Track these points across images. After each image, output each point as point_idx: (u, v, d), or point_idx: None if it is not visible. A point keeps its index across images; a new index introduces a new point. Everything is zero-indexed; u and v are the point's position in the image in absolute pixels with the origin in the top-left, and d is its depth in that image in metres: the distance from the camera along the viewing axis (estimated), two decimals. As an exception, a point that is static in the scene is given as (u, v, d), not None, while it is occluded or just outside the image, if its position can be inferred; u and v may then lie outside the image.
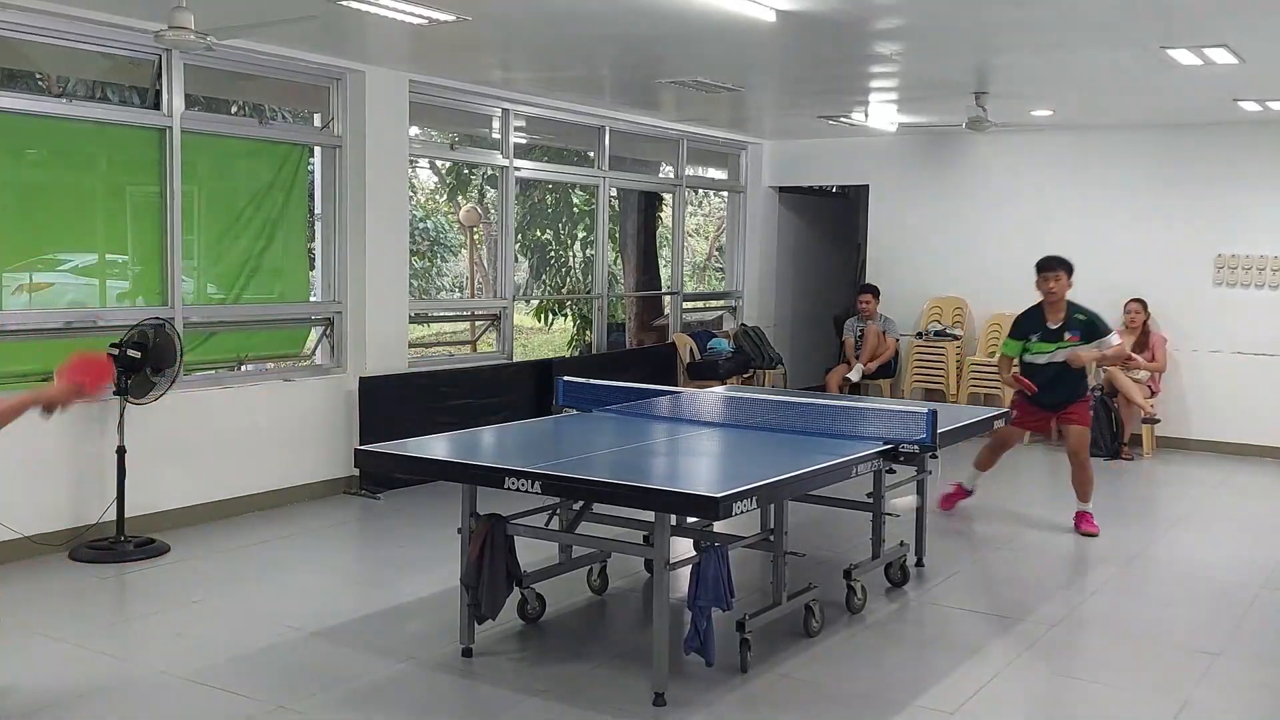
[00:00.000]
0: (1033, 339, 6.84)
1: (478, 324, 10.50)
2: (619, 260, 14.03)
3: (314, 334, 7.83)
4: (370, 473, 7.36)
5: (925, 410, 5.12)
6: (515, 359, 9.35)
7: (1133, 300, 9.86)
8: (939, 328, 10.98)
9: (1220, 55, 6.65)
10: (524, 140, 9.86)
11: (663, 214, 13.93)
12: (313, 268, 7.85)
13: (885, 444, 4.99)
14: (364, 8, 5.82)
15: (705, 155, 12.15)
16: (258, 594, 5.60)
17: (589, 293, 11.74)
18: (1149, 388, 9.74)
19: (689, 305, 12.11)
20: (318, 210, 7.79)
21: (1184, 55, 6.69)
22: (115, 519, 6.14)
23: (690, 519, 5.34)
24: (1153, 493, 8.75)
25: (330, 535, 6.85)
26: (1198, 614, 5.52)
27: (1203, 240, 9.95)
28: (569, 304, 15.37)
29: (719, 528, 5.47)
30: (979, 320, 11.02)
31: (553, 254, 16.52)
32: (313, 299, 7.78)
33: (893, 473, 5.53)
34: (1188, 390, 10.01)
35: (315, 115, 7.94)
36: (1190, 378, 10.00)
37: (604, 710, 4.17)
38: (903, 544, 5.86)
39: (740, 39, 6.54)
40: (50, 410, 3.81)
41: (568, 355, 12.67)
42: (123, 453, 6.10)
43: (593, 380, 6.05)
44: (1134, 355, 9.63)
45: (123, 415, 6.11)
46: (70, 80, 7.01)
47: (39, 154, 6.55)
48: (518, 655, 4.81)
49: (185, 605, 5.37)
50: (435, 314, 11.54)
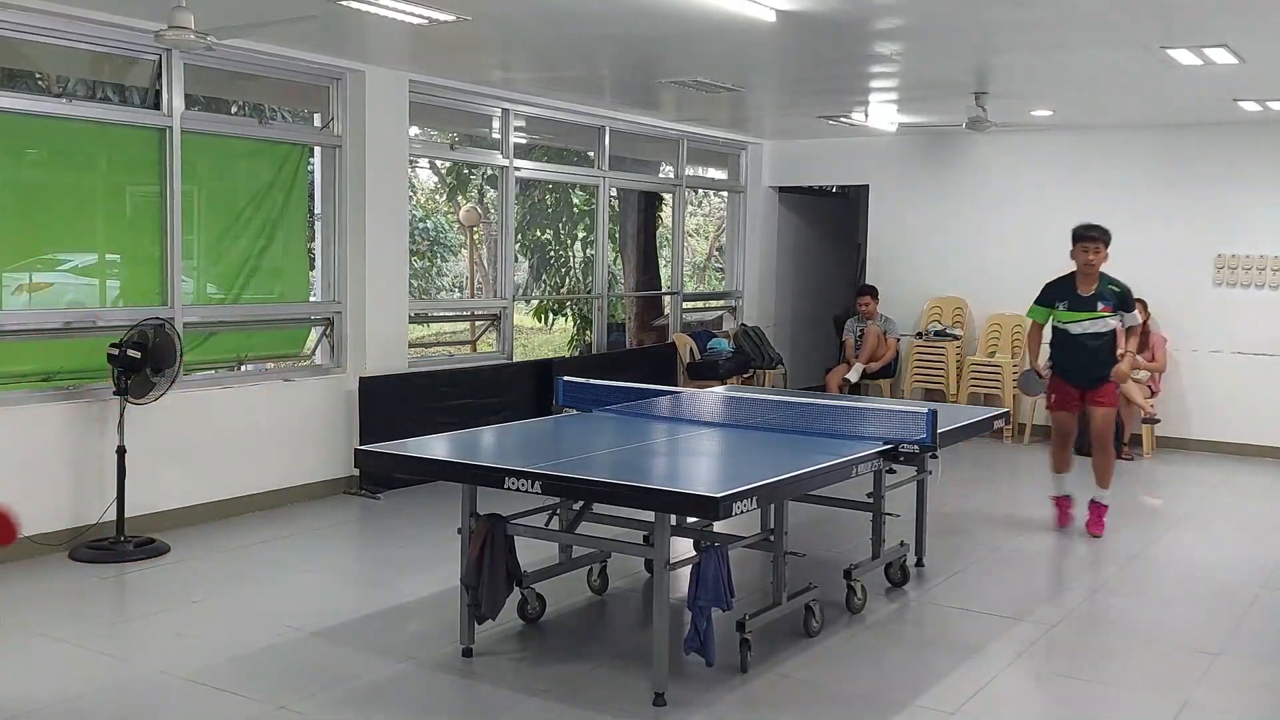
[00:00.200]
0: (1059, 307, 6.70)
1: (478, 324, 10.50)
2: (619, 260, 14.03)
3: (314, 334, 7.83)
4: (370, 473, 7.36)
5: (925, 410, 5.12)
6: (515, 359, 9.35)
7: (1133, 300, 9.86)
8: (939, 328, 10.98)
9: (1220, 55, 6.65)
10: (524, 140, 9.86)
11: (663, 214, 13.93)
12: (313, 268, 7.85)
13: (885, 444, 4.99)
14: (364, 8, 5.82)
15: (705, 155, 12.15)
16: (258, 594, 5.60)
17: (589, 293, 11.75)
18: (1149, 388, 9.75)
19: (689, 305, 12.10)
20: (318, 210, 7.79)
21: (1184, 55, 6.69)
22: (115, 519, 6.14)
23: (690, 519, 5.34)
24: (1153, 493, 8.75)
25: (330, 535, 6.85)
26: (1198, 614, 5.52)
27: (1203, 240, 9.95)
28: (569, 304, 15.37)
29: (719, 528, 5.47)
30: (979, 320, 11.02)
31: (553, 254, 16.52)
32: (313, 299, 7.78)
33: (893, 473, 5.53)
34: (1188, 390, 10.01)
35: (315, 115, 7.94)
36: (1190, 378, 10.00)
37: (604, 710, 4.17)
38: (903, 544, 5.87)
39: (740, 39, 6.54)
40: None
41: (568, 355, 12.67)
42: (123, 453, 6.10)
43: (593, 380, 6.05)
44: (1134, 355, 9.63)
45: (123, 415, 6.11)
46: (70, 80, 7.01)
47: (39, 154, 6.55)
48: (518, 655, 4.81)
49: (185, 605, 5.37)
50: (435, 314, 11.54)
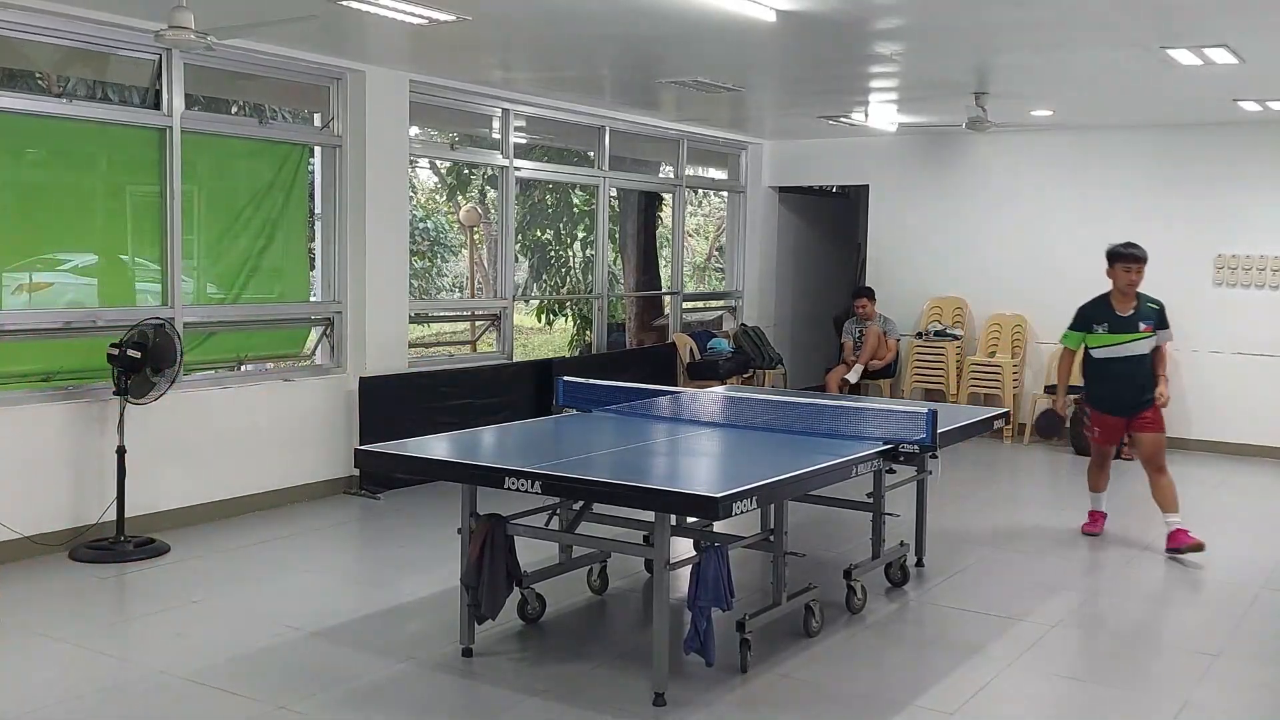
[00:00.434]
0: (1099, 329, 6.54)
1: (478, 324, 10.50)
2: (619, 260, 14.03)
3: (314, 334, 7.83)
4: (370, 473, 7.36)
5: (925, 410, 5.12)
6: (515, 359, 9.35)
7: (1133, 300, 9.87)
8: (939, 328, 10.98)
9: (1220, 55, 6.65)
10: (524, 140, 9.86)
11: (663, 214, 13.94)
12: (313, 268, 7.85)
13: (885, 444, 4.99)
14: (364, 8, 5.82)
15: (705, 155, 12.15)
16: (258, 594, 5.60)
17: (589, 293, 11.75)
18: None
19: (689, 305, 12.11)
20: (318, 210, 7.79)
21: (1184, 55, 6.69)
22: (115, 519, 6.14)
23: (690, 519, 5.34)
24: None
25: (330, 535, 6.85)
26: (1198, 614, 5.52)
27: (1203, 240, 9.95)
28: (569, 304, 15.37)
29: (719, 528, 5.47)
30: (979, 320, 11.02)
31: (553, 254, 16.52)
32: (313, 299, 7.78)
33: (893, 473, 5.53)
34: (1188, 390, 10.01)
35: (315, 115, 7.94)
36: (1190, 378, 10.00)
37: (604, 710, 4.17)
38: (903, 544, 5.87)
39: (740, 39, 6.54)
40: None
41: (568, 355, 12.67)
42: (123, 453, 6.10)
43: (593, 380, 6.05)
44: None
45: (123, 415, 6.11)
46: (70, 80, 7.01)
47: (39, 154, 6.55)
48: (518, 655, 4.81)
49: (185, 605, 5.36)
50: (435, 314, 11.54)
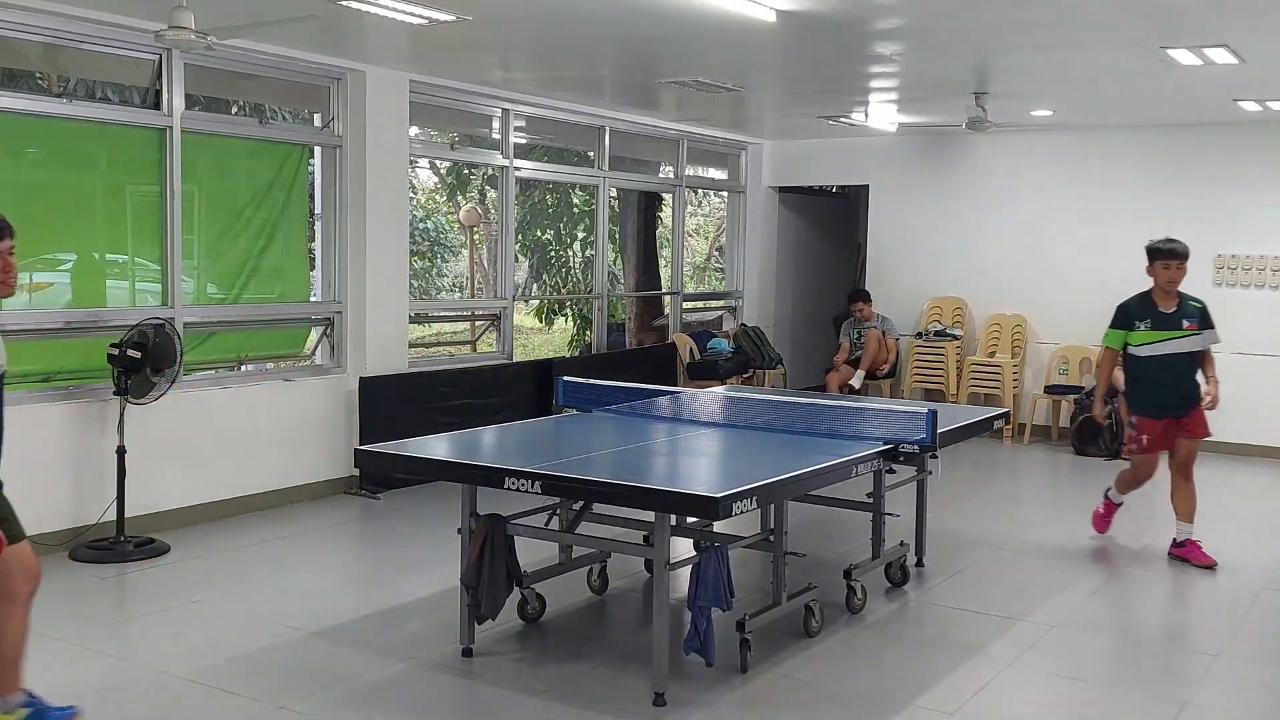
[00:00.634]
0: (1141, 327, 6.35)
1: (478, 324, 10.50)
2: (619, 260, 14.03)
3: (314, 334, 7.83)
4: (370, 473, 7.36)
5: (925, 410, 5.12)
6: (515, 359, 9.35)
7: (1133, 300, 9.86)
8: (939, 328, 10.98)
9: (1220, 55, 6.65)
10: (524, 140, 9.86)
11: (663, 214, 13.94)
12: (313, 268, 7.85)
13: (885, 444, 4.99)
14: (364, 8, 5.82)
15: (705, 155, 12.15)
16: (258, 594, 5.60)
17: (589, 293, 11.75)
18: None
19: (689, 305, 12.11)
20: (318, 210, 7.79)
21: (1184, 55, 6.68)
22: (115, 519, 6.14)
23: (690, 519, 5.34)
24: (1153, 493, 8.73)
25: (330, 535, 6.85)
26: (1198, 614, 5.52)
27: (1203, 240, 9.87)
28: (569, 304, 15.37)
29: (719, 528, 5.47)
30: (979, 320, 11.02)
31: (553, 254, 16.52)
32: (313, 299, 7.78)
33: (893, 473, 5.53)
34: (1188, 390, 10.00)
35: (315, 115, 7.94)
36: (1190, 378, 9.99)
37: (604, 710, 4.17)
38: (903, 544, 5.86)
39: (740, 39, 6.54)
40: None
41: (568, 355, 12.67)
42: (123, 453, 6.10)
43: (593, 380, 6.05)
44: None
45: (123, 415, 6.11)
46: (70, 80, 7.01)
47: (39, 154, 6.55)
48: (518, 655, 4.81)
49: (185, 605, 5.36)
50: (435, 314, 11.54)
